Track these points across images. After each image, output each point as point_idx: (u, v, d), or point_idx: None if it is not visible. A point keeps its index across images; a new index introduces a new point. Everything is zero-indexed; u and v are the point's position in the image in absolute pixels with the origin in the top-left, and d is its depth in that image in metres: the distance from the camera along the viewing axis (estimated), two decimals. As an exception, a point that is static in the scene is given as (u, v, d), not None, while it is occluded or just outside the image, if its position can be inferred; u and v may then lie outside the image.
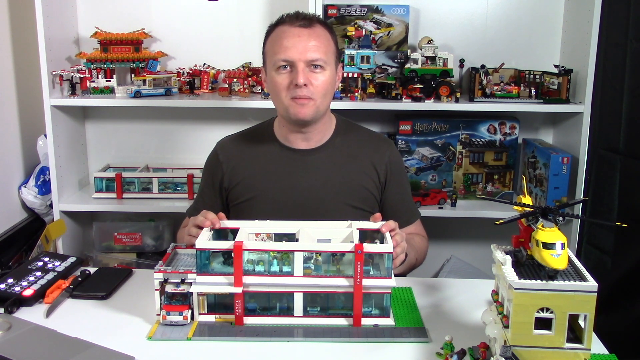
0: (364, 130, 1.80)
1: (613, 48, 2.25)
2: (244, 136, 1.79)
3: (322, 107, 1.62)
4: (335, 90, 1.70)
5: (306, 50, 1.55)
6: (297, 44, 1.56)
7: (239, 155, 1.74)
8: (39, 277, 1.54)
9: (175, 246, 1.52)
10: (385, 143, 1.79)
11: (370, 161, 1.72)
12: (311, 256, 1.38)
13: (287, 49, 1.56)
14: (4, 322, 1.30)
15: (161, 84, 2.45)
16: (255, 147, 1.74)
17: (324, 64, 1.58)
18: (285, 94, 1.59)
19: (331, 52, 1.62)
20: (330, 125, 1.74)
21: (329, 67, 1.60)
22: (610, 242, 2.30)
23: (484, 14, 2.55)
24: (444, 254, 2.79)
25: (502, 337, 1.09)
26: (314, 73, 1.57)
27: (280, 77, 1.59)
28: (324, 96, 1.61)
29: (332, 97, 1.69)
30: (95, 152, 2.71)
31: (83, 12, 2.57)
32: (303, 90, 1.56)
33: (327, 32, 1.63)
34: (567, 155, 2.33)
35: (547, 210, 1.09)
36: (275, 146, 1.72)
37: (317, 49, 1.57)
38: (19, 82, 2.47)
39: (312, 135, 1.69)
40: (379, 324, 1.36)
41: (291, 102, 1.59)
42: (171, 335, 1.32)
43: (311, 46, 1.56)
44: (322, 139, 1.71)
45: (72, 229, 2.54)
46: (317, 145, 1.71)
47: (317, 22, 1.62)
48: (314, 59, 1.56)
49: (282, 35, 1.58)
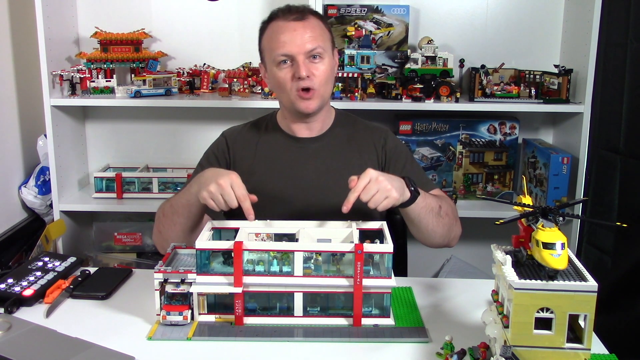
0: (361, 121, 1.83)
1: (613, 48, 2.25)
2: (249, 127, 1.81)
3: (325, 95, 1.66)
4: (335, 75, 1.73)
5: (304, 43, 1.58)
6: (295, 37, 1.58)
7: (244, 144, 1.76)
8: (39, 277, 1.54)
9: (175, 246, 1.52)
10: (380, 131, 1.80)
11: (367, 149, 1.74)
12: (311, 256, 1.38)
13: (285, 43, 1.58)
14: (4, 322, 1.30)
15: (161, 84, 2.45)
16: (259, 136, 1.77)
17: (322, 52, 1.61)
18: (290, 87, 1.62)
19: (327, 40, 1.65)
20: (330, 115, 1.77)
21: (327, 55, 1.63)
22: (610, 242, 2.30)
23: (484, 14, 2.55)
24: (444, 254, 2.79)
25: (502, 337, 1.09)
26: (314, 63, 1.60)
27: (282, 72, 1.61)
28: (326, 84, 1.64)
29: (333, 84, 1.73)
30: (95, 152, 2.71)
31: (83, 12, 2.57)
32: (306, 81, 1.59)
33: (320, 21, 1.66)
34: (567, 155, 2.33)
35: (547, 210, 1.09)
36: (279, 135, 1.75)
37: (313, 39, 1.59)
38: (19, 82, 2.47)
39: (315, 124, 1.73)
40: (379, 324, 1.36)
41: (297, 96, 1.62)
42: (171, 335, 1.32)
43: (308, 37, 1.59)
44: (324, 128, 1.75)
45: (72, 229, 2.54)
46: (319, 133, 1.74)
47: (309, 13, 1.66)
48: (312, 49, 1.59)
49: (278, 31, 1.61)
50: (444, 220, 1.59)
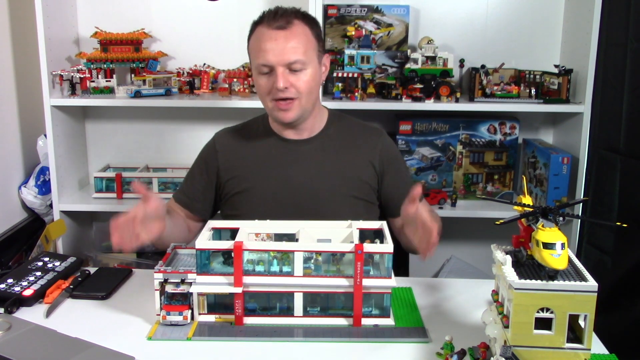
0: (355, 121, 1.81)
1: (613, 48, 2.25)
2: (241, 129, 1.81)
3: (307, 104, 1.63)
4: (322, 82, 1.71)
5: (284, 54, 1.54)
6: (275, 48, 1.55)
7: (235, 146, 1.75)
8: (39, 277, 1.54)
9: (175, 246, 1.52)
10: (375, 133, 1.78)
11: (362, 151, 1.73)
12: (311, 256, 1.38)
13: (265, 52, 1.55)
14: (4, 322, 1.30)
15: (161, 84, 2.45)
16: (251, 139, 1.76)
17: (304, 64, 1.57)
18: (268, 97, 1.60)
19: (312, 49, 1.60)
20: (321, 117, 1.75)
21: (311, 65, 1.59)
22: (610, 242, 2.30)
23: (484, 14, 2.55)
24: (444, 254, 2.79)
25: (502, 337, 1.09)
26: (294, 74, 1.57)
27: (261, 79, 1.60)
28: (309, 94, 1.61)
29: (319, 90, 1.70)
30: (95, 152, 2.71)
31: (83, 12, 2.57)
32: (285, 92, 1.57)
33: (307, 27, 1.61)
34: (567, 155, 2.33)
35: (547, 210, 1.09)
36: (271, 138, 1.74)
37: (295, 50, 1.55)
38: (19, 82, 2.47)
39: (302, 129, 1.71)
40: (379, 324, 1.36)
41: (275, 106, 1.60)
42: (171, 335, 1.32)
43: (290, 48, 1.55)
44: (315, 130, 1.73)
45: (72, 229, 2.54)
46: (310, 136, 1.73)
47: (296, 18, 1.60)
48: (292, 61, 1.55)
49: (261, 38, 1.58)
50: None
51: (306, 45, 1.58)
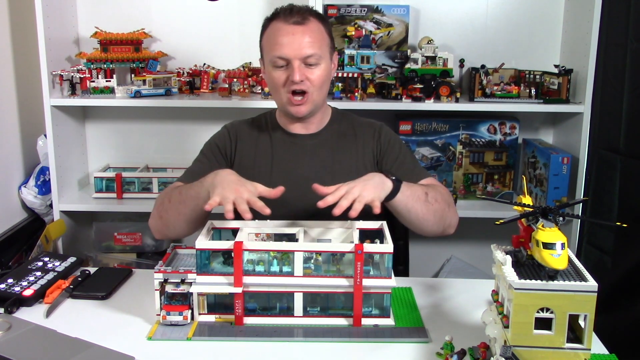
0: (357, 118, 1.84)
1: (613, 48, 2.25)
2: (249, 122, 1.83)
3: (318, 99, 1.66)
4: (331, 78, 1.75)
5: (301, 47, 1.59)
6: (292, 41, 1.59)
7: (244, 137, 1.78)
8: (39, 277, 1.54)
9: (175, 246, 1.52)
10: (375, 125, 1.81)
11: (363, 144, 1.76)
12: (311, 256, 1.38)
13: (282, 46, 1.59)
14: (4, 322, 1.30)
15: (161, 84, 2.45)
16: (259, 132, 1.78)
17: (319, 58, 1.62)
18: (283, 90, 1.63)
19: (325, 45, 1.66)
20: (327, 113, 1.79)
21: (324, 60, 1.64)
22: (610, 242, 2.30)
23: (484, 14, 2.55)
24: (444, 254, 2.79)
25: (502, 337, 1.09)
26: (309, 68, 1.61)
27: (277, 73, 1.62)
28: (320, 88, 1.65)
29: (329, 86, 1.74)
30: (95, 152, 2.71)
31: (83, 12, 2.57)
32: (300, 85, 1.60)
33: (321, 24, 1.66)
34: (567, 155, 2.33)
35: (547, 210, 1.09)
36: (278, 132, 1.77)
37: (311, 45, 1.60)
38: (19, 82, 2.47)
39: (310, 123, 1.74)
40: (379, 324, 1.36)
41: (289, 99, 1.63)
42: (171, 335, 1.32)
43: (306, 42, 1.59)
44: (320, 126, 1.76)
45: (72, 229, 2.54)
46: (316, 130, 1.76)
47: (312, 15, 1.65)
48: (309, 55, 1.59)
49: (277, 33, 1.61)
50: (433, 206, 1.56)
51: (321, 41, 1.63)
